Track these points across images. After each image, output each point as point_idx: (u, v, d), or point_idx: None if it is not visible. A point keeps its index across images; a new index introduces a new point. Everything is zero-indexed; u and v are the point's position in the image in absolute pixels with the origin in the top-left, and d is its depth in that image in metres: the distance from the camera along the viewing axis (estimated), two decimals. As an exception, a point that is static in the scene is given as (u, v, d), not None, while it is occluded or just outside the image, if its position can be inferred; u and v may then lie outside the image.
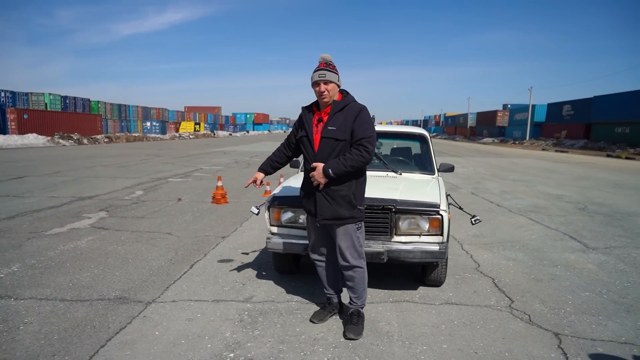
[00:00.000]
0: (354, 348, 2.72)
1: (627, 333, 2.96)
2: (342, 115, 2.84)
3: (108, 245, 4.95)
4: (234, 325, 3.02)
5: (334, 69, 2.88)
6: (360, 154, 2.74)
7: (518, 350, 2.70)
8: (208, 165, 14.88)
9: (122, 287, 3.68)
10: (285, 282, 3.87)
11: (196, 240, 5.21)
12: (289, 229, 3.58)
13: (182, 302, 3.39)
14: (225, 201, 7.79)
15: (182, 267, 4.24)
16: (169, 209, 7.10)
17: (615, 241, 5.49)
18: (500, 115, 59.26)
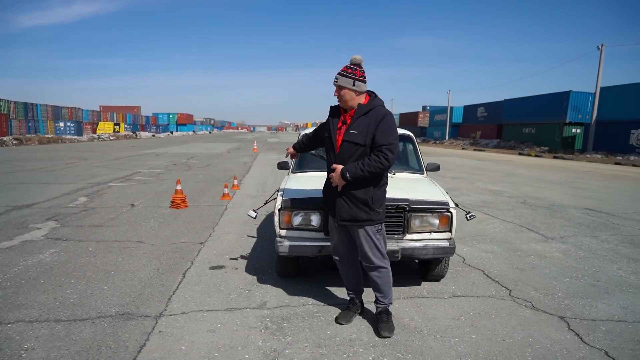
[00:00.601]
0: (392, 346, 2.77)
1: (618, 312, 3.33)
2: (365, 120, 2.86)
3: (78, 257, 4.53)
4: (261, 333, 2.94)
5: (352, 73, 2.86)
6: (379, 160, 2.76)
7: (538, 335, 2.92)
8: (145, 168, 14.06)
9: (118, 301, 3.41)
10: (290, 286, 3.81)
11: (174, 248, 4.94)
12: (300, 231, 3.54)
13: (193, 314, 3.22)
14: (185, 205, 7.45)
15: (174, 276, 4.01)
16: (126, 216, 6.63)
17: (565, 231, 6.09)
18: (422, 116, 62.61)
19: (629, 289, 3.82)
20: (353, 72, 2.88)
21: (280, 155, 21.41)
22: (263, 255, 4.73)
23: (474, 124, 48.10)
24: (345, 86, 2.85)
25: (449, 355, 2.66)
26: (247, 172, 13.57)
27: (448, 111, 51.49)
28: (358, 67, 2.90)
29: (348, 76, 2.87)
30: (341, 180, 2.85)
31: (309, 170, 4.47)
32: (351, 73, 2.88)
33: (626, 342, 2.84)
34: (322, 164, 4.37)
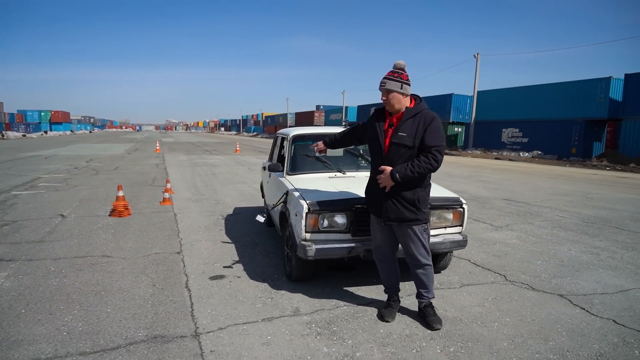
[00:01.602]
0: (449, 336, 2.93)
1: (596, 287, 3.91)
2: (413, 122, 2.97)
3: (45, 279, 3.92)
4: (318, 339, 2.89)
5: (399, 77, 2.96)
6: (428, 161, 2.88)
7: (555, 313, 3.32)
8: (43, 173, 12.39)
9: (138, 324, 3.07)
10: (308, 290, 3.77)
11: (152, 261, 4.53)
12: (327, 234, 3.52)
13: (232, 328, 3.04)
14: (128, 213, 6.80)
15: (178, 291, 3.71)
16: (64, 228, 5.86)
17: (505, 220, 6.87)
18: (317, 115, 64.24)
19: (590, 267, 4.48)
20: (399, 75, 2.98)
21: (189, 156, 20.45)
22: (255, 260, 4.57)
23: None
24: (393, 89, 2.94)
25: (500, 338, 2.90)
26: (166, 174, 12.73)
27: (343, 111, 53.67)
28: (403, 71, 3.00)
29: (396, 80, 2.95)
30: (390, 181, 2.92)
31: (306, 172, 4.43)
32: (398, 77, 2.97)
33: (622, 311, 3.37)
34: (317, 165, 4.40)
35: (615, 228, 6.33)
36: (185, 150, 26.08)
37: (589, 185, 11.89)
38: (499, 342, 2.85)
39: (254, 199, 8.62)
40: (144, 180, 11.22)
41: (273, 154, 5.91)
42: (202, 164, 16.51)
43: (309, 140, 4.79)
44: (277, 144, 5.42)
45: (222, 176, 12.59)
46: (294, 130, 4.79)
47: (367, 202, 3.23)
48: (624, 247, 5.24)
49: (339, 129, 4.93)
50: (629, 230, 6.18)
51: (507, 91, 29.81)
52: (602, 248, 5.20)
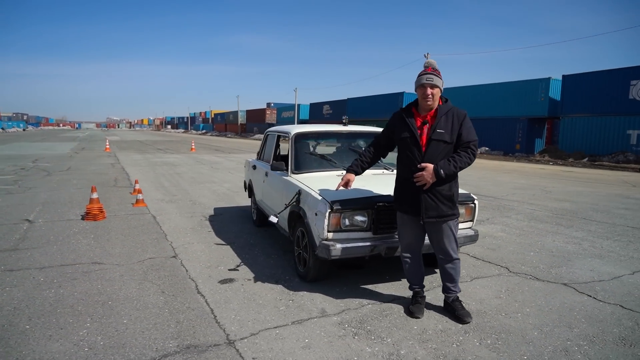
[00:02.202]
0: (481, 329, 3.01)
1: (592, 274, 4.16)
2: (447, 119, 3.02)
3: (38, 291, 3.62)
4: (357, 340, 2.86)
5: (439, 74, 3.03)
6: (468, 156, 2.97)
7: (567, 301, 3.50)
8: (-13, 176, 11.39)
9: (163, 334, 2.90)
10: (328, 289, 3.72)
11: (150, 266, 4.30)
12: (348, 232, 3.49)
13: (264, 333, 2.94)
14: (103, 216, 6.41)
15: (192, 297, 3.54)
16: (36, 235, 5.42)
17: (485, 214, 7.14)
18: (269, 113, 63.76)
19: (578, 256, 4.77)
20: (439, 73, 3.02)
21: (143, 155, 19.64)
22: (258, 262, 4.46)
23: (321, 121, 50.91)
24: (438, 85, 2.98)
25: (529, 328, 3.02)
26: (127, 175, 12.12)
27: (296, 108, 53.58)
28: (438, 70, 3.05)
29: (439, 77, 2.99)
30: (432, 178, 2.94)
31: (312, 171, 4.36)
32: (439, 75, 3.01)
33: (624, 296, 3.61)
34: (322, 164, 4.36)
35: (583, 219, 6.77)
36: (136, 149, 24.95)
37: (542, 179, 12.63)
38: (529, 332, 2.96)
39: (229, 198, 8.40)
40: (105, 181, 10.61)
41: (263, 153, 5.79)
42: (161, 164, 15.87)
43: (311, 138, 4.73)
44: (273, 142, 5.30)
45: (187, 175, 12.16)
46: (294, 128, 4.70)
47: (399, 201, 3.21)
48: (599, 237, 5.62)
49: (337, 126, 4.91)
50: (597, 221, 6.63)
51: (456, 90, 31.00)
52: (581, 238, 5.54)
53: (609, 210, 7.62)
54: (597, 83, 21.42)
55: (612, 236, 5.65)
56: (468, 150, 2.97)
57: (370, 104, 40.59)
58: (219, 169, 14.04)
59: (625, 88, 20.62)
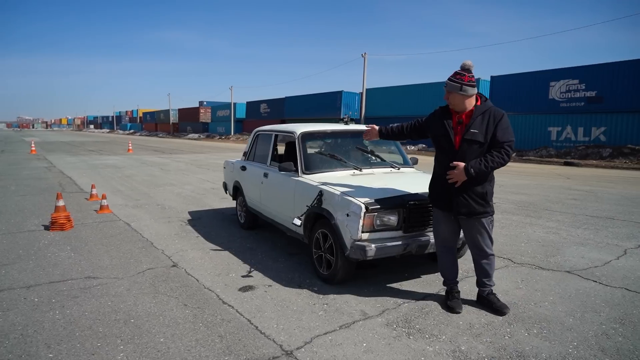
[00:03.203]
0: (521, 319, 3.12)
1: (584, 262, 4.48)
2: (482, 119, 3.08)
3: (39, 313, 3.22)
4: (413, 339, 2.86)
5: (460, 79, 3.03)
6: (501, 156, 3.02)
7: (579, 287, 3.74)
8: None
9: (215, 350, 2.71)
10: (356, 290, 3.67)
11: (153, 278, 3.99)
12: (381, 232, 3.48)
13: (317, 341, 2.85)
14: (71, 226, 5.84)
15: (219, 308, 3.34)
16: (2, 249, 4.82)
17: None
18: (203, 112, 61.76)
19: (564, 245, 5.12)
20: (461, 77, 3.05)
21: (77, 157, 18.21)
22: (267, 267, 4.31)
23: (258, 120, 50.22)
24: (452, 91, 3.03)
25: (562, 315, 3.18)
26: (70, 179, 11.15)
27: (232, 107, 52.42)
28: (467, 73, 3.09)
29: (456, 82, 3.03)
30: (463, 176, 3.01)
31: (324, 171, 4.27)
32: (459, 79, 3.04)
33: (623, 279, 3.93)
34: (332, 163, 4.32)
35: (546, 210, 7.30)
36: (66, 151, 23.04)
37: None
38: (564, 319, 3.13)
39: (198, 201, 8.04)
40: (49, 187, 9.69)
41: (254, 153, 5.59)
42: (103, 166, 14.79)
43: (317, 137, 4.64)
44: (268, 142, 5.13)
45: (139, 178, 11.44)
46: (299, 128, 4.57)
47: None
48: (570, 226, 6.08)
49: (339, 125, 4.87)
50: (558, 212, 7.17)
51: (394, 89, 32.11)
52: (556, 228, 5.97)
53: (561, 201, 8.27)
54: (521, 84, 23.18)
55: (580, 225, 6.14)
56: (502, 151, 3.02)
57: (308, 102, 40.74)
58: (170, 171, 13.36)
59: (546, 89, 22.55)
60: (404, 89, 30.81)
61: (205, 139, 49.95)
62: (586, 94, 20.86)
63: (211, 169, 14.13)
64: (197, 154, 21.86)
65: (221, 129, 55.49)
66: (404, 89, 30.74)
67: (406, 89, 30.60)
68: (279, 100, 46.27)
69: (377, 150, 4.86)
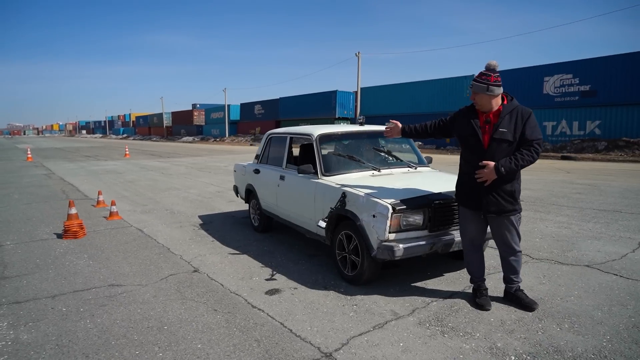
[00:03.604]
0: (551, 314, 3.16)
1: (600, 255, 4.53)
2: (510, 118, 3.11)
3: (70, 323, 3.22)
4: (449, 337, 2.89)
5: (486, 79, 3.07)
6: (531, 154, 3.07)
7: (601, 280, 3.79)
8: None
9: (255, 355, 2.72)
10: (382, 290, 3.70)
11: (178, 284, 3.99)
12: (407, 232, 3.50)
13: (354, 342, 2.87)
14: (84, 233, 5.82)
15: (249, 312, 3.35)
16: (14, 259, 4.80)
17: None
18: (197, 114, 61.52)
19: (578, 239, 5.18)
20: (487, 78, 3.09)
21: (75, 163, 18.08)
22: (289, 269, 4.32)
23: (253, 121, 50.19)
24: (478, 92, 3.06)
25: (589, 309, 3.22)
26: (72, 186, 11.08)
27: (226, 109, 52.28)
28: (492, 73, 3.12)
29: (482, 82, 3.07)
30: (493, 175, 3.04)
31: (343, 172, 4.29)
32: (485, 79, 3.08)
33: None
34: (351, 165, 4.34)
35: (553, 205, 7.37)
36: (62, 157, 22.87)
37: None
38: (592, 312, 3.17)
39: (206, 205, 8.03)
40: (52, 194, 9.63)
41: (267, 156, 5.59)
42: (103, 172, 14.70)
43: (334, 139, 4.66)
44: (283, 145, 5.14)
45: (142, 183, 11.40)
46: (316, 130, 4.59)
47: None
48: (580, 220, 6.15)
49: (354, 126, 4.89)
50: (566, 206, 7.25)
51: (388, 87, 32.17)
52: (567, 222, 6.03)
53: (566, 195, 8.35)
54: (515, 79, 23.30)
55: (590, 219, 6.21)
56: (531, 149, 3.06)
57: (303, 103, 40.72)
58: (171, 175, 13.32)
59: (540, 84, 22.75)
60: (398, 87, 30.89)
61: (199, 142, 49.81)
62: (580, 88, 21.07)
63: (213, 172, 14.10)
64: (195, 157, 21.80)
65: (215, 132, 55.32)
66: (399, 87, 30.83)
67: (400, 87, 30.70)
68: (273, 101, 46.19)
69: (392, 150, 4.89)
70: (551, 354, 2.64)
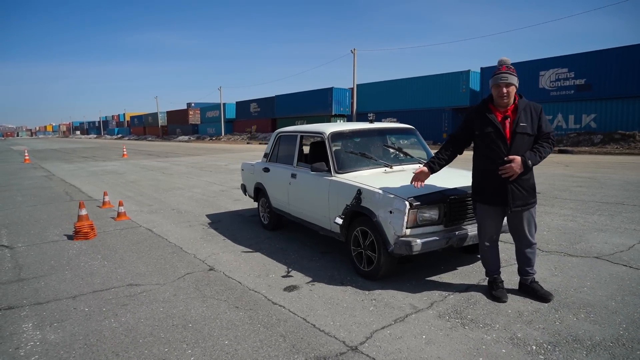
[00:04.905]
0: (566, 305, 3.24)
1: (608, 247, 4.62)
2: (526, 113, 3.19)
3: (95, 323, 3.26)
4: (470, 329, 2.96)
5: (514, 72, 3.18)
6: (550, 146, 3.20)
7: (612, 272, 3.87)
8: None
9: (282, 350, 2.79)
10: (399, 285, 3.77)
11: (196, 282, 4.04)
12: (423, 227, 3.57)
13: (378, 335, 2.94)
14: (95, 234, 5.85)
15: (270, 308, 3.41)
16: (28, 261, 4.82)
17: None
18: (192, 113, 61.31)
19: (585, 231, 5.27)
20: (513, 71, 3.16)
21: (74, 164, 18.04)
22: (304, 266, 4.39)
23: (249, 119, 50.08)
24: (513, 83, 3.12)
25: (603, 299, 3.31)
26: (74, 187, 11.07)
27: (221, 107, 52.14)
28: (512, 66, 3.20)
29: (515, 75, 3.14)
30: (520, 169, 3.11)
31: (356, 169, 4.34)
32: (514, 72, 3.15)
33: (651, 262, 4.09)
34: (363, 162, 4.40)
35: (556, 198, 7.47)
36: (60, 159, 22.77)
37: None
38: (607, 302, 3.26)
39: (212, 204, 8.07)
40: (55, 196, 9.63)
41: (276, 155, 5.64)
42: (103, 172, 14.68)
43: (346, 137, 4.71)
44: (294, 143, 5.19)
45: (144, 183, 11.41)
46: (328, 128, 4.64)
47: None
48: (585, 213, 6.25)
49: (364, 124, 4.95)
50: (569, 199, 7.35)
51: (384, 84, 32.23)
52: (572, 215, 6.13)
53: (568, 189, 8.46)
54: (511, 74, 23.42)
55: (594, 212, 6.31)
56: (549, 141, 3.19)
57: (299, 100, 40.70)
58: (173, 174, 13.33)
59: (535, 78, 22.89)
60: (394, 84, 30.96)
61: (195, 141, 49.71)
62: (575, 82, 21.23)
63: (214, 171, 14.12)
64: (194, 157, 21.78)
65: (211, 130, 55.19)
66: (395, 84, 30.90)
67: (396, 83, 30.77)
68: (269, 99, 46.13)
69: (402, 147, 4.95)
70: (570, 343, 2.72)
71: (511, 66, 3.20)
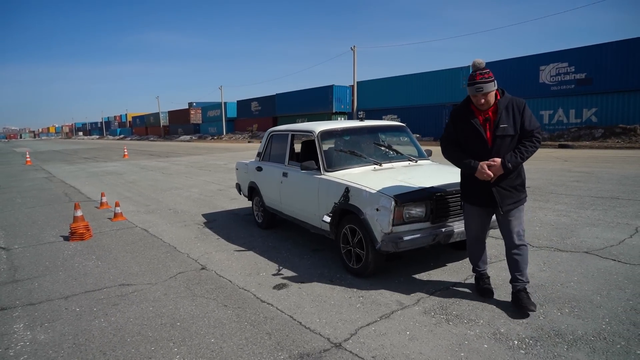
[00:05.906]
0: (551, 300, 3.26)
1: (598, 242, 4.63)
2: (507, 112, 3.11)
3: (85, 322, 3.30)
4: (454, 325, 2.98)
5: (489, 77, 3.06)
6: (534, 145, 3.09)
7: (601, 267, 3.88)
8: None
9: (267, 347, 2.82)
10: (387, 283, 3.79)
11: (187, 281, 4.08)
12: (410, 224, 3.59)
13: (362, 332, 2.96)
14: (90, 235, 5.90)
15: (259, 306, 3.44)
16: (23, 263, 4.88)
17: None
18: (193, 113, 61.40)
19: (577, 226, 5.28)
20: (489, 75, 3.10)
21: (75, 166, 18.12)
22: (295, 264, 4.42)
23: (250, 118, 50.10)
24: (491, 90, 3.07)
25: (588, 294, 3.32)
26: (74, 188, 11.14)
27: (222, 107, 52.21)
28: (488, 69, 3.14)
29: (491, 80, 3.06)
30: (500, 171, 3.05)
31: (345, 167, 4.37)
32: (489, 77, 3.08)
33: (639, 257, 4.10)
34: (352, 160, 4.42)
35: (552, 194, 7.47)
36: (62, 160, 22.89)
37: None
38: (592, 297, 3.27)
39: (208, 203, 8.11)
40: (55, 197, 9.70)
41: (269, 154, 5.67)
42: (103, 173, 14.76)
43: (336, 135, 4.73)
44: (285, 142, 5.22)
45: (143, 184, 11.46)
46: (318, 126, 4.66)
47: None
48: (578, 208, 6.25)
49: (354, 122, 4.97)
50: (564, 194, 7.35)
51: (384, 81, 32.16)
52: (566, 210, 6.13)
53: (564, 184, 8.45)
54: (511, 69, 23.35)
55: (588, 206, 6.31)
56: (532, 139, 3.08)
57: (299, 98, 40.70)
58: (172, 174, 13.39)
59: (536, 73, 22.78)
60: (394, 80, 30.89)
61: (197, 141, 49.81)
62: (576, 77, 21.12)
63: (212, 170, 14.17)
64: (194, 156, 21.84)
65: (213, 130, 55.29)
66: (395, 80, 30.83)
67: (396, 80, 30.70)
68: (269, 98, 46.16)
69: (392, 144, 4.97)
70: (552, 338, 2.74)
71: (486, 70, 3.07)
